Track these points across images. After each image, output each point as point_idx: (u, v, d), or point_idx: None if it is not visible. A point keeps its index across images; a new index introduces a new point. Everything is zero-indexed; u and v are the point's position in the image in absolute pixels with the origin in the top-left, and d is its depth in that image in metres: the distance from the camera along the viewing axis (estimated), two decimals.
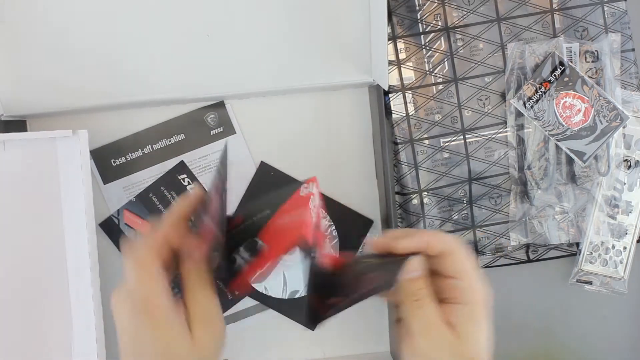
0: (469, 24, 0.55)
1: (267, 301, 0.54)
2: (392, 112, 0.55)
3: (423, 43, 0.56)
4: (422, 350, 0.34)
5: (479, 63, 0.56)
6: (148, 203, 0.55)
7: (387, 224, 0.53)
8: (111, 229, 0.55)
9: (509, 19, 0.55)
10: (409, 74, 0.56)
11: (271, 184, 0.56)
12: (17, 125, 0.54)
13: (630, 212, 0.56)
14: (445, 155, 0.56)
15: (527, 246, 0.57)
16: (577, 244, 0.57)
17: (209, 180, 0.50)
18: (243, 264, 0.38)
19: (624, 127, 0.55)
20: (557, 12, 0.56)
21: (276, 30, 0.52)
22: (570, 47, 0.55)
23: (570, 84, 0.54)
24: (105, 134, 0.55)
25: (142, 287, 0.33)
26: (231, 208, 0.56)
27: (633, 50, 0.56)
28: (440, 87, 0.56)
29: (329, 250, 0.40)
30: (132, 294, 0.33)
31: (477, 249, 0.57)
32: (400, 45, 0.56)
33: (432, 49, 0.56)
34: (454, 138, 0.56)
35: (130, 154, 0.55)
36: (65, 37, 0.51)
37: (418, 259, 0.35)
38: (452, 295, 0.36)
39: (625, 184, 0.56)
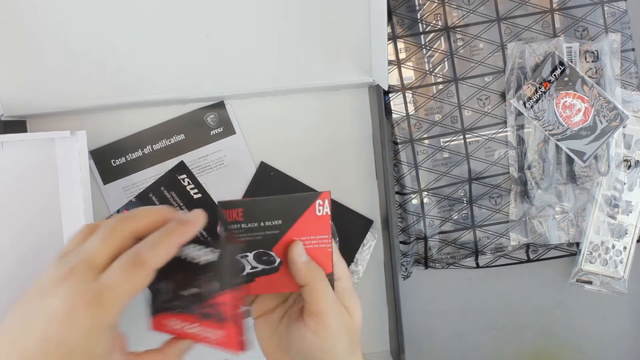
0: (469, 23, 0.55)
1: None
2: (392, 112, 0.55)
3: (423, 43, 0.56)
4: (332, 327, 0.36)
5: (479, 63, 0.56)
6: (148, 203, 0.55)
7: (387, 223, 0.53)
8: None
9: (509, 19, 0.55)
10: (409, 74, 0.56)
11: (271, 184, 0.56)
12: (16, 125, 0.53)
13: (630, 212, 0.56)
14: (445, 155, 0.56)
15: (527, 246, 0.57)
16: (577, 244, 0.57)
17: None
18: (253, 274, 0.37)
19: (624, 127, 0.55)
20: (557, 12, 0.56)
21: (276, 31, 0.52)
22: (570, 47, 0.55)
23: (570, 83, 0.54)
24: (105, 134, 0.55)
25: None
26: None
27: (633, 50, 0.56)
28: (440, 87, 0.56)
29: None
30: None
31: (477, 249, 0.57)
32: (400, 45, 0.56)
33: (432, 49, 0.56)
34: (454, 138, 0.56)
35: (130, 154, 0.55)
36: (65, 38, 0.51)
37: (301, 245, 0.37)
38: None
39: (625, 183, 0.56)
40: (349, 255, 0.56)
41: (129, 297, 0.30)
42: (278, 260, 0.37)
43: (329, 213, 0.37)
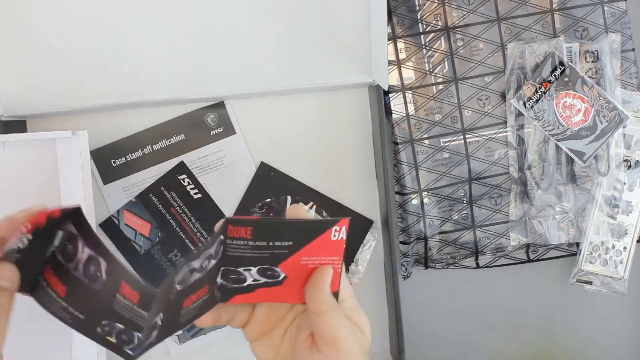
0: (469, 24, 0.55)
1: None
2: (392, 112, 0.55)
3: (423, 43, 0.56)
4: (350, 351, 0.35)
5: (479, 63, 0.56)
6: (148, 203, 0.55)
7: (387, 223, 0.53)
8: (111, 229, 0.55)
9: (509, 19, 0.55)
10: (409, 74, 0.56)
11: (271, 184, 0.56)
12: (17, 125, 0.54)
13: (630, 212, 0.56)
14: (445, 155, 0.56)
15: (527, 246, 0.57)
16: (577, 244, 0.57)
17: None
18: (254, 286, 0.36)
19: (624, 127, 0.55)
20: (557, 12, 0.56)
21: (276, 31, 0.52)
22: (570, 47, 0.55)
23: (570, 84, 0.54)
24: (105, 134, 0.55)
25: None
26: (231, 209, 0.56)
27: (633, 50, 0.56)
28: (440, 87, 0.56)
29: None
30: None
31: (477, 249, 0.57)
32: (400, 45, 0.56)
33: (432, 49, 0.56)
34: (454, 138, 0.56)
35: (130, 154, 0.55)
36: (65, 38, 0.51)
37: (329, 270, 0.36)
38: None
39: (625, 184, 0.56)
40: (349, 255, 0.56)
41: None
42: (283, 275, 0.35)
43: (344, 238, 0.35)
